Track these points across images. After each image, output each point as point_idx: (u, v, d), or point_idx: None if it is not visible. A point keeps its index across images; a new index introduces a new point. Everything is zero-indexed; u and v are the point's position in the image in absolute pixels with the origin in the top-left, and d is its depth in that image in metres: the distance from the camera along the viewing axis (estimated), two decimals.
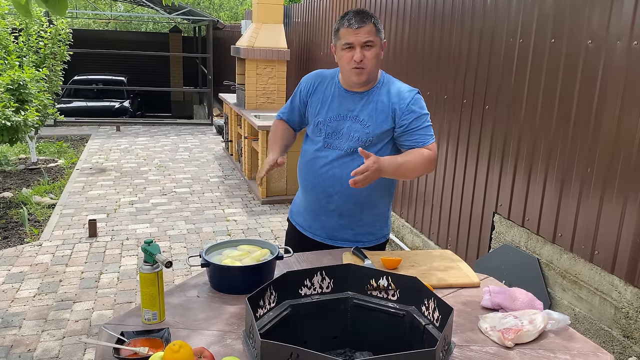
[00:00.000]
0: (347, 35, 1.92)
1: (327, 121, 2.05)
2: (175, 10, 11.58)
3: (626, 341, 2.33)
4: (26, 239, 4.61)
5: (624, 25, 2.29)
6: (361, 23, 1.91)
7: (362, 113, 2.01)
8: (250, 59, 6.63)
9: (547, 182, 2.77)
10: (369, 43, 1.92)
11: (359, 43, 1.91)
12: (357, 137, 2.00)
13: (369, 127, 1.99)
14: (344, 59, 1.96)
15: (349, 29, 1.92)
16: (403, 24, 4.27)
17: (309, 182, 2.10)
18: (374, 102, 2.01)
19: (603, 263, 2.44)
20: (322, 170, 2.04)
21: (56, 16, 4.83)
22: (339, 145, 2.02)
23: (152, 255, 1.44)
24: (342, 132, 2.02)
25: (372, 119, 2.00)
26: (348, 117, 2.02)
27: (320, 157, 2.06)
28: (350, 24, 1.92)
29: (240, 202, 5.90)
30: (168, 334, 1.38)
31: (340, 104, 2.04)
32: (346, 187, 1.98)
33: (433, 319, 1.40)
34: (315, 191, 2.08)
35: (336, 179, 2.02)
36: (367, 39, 1.91)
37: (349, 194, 2.02)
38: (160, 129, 10.49)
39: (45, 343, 3.06)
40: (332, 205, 2.06)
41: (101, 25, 21.86)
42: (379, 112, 2.00)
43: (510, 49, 3.01)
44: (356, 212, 2.08)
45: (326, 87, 2.09)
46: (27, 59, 7.32)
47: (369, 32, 1.92)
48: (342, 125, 2.02)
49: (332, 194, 2.04)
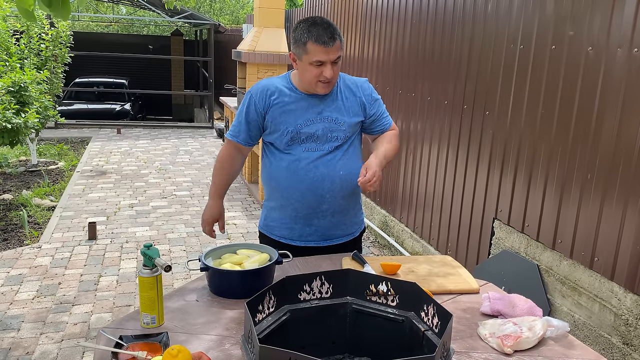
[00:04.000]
0: (319, 53, 1.89)
1: (298, 128, 2.01)
2: (177, 13, 11.61)
3: (626, 348, 2.33)
4: (26, 241, 4.61)
5: (625, 32, 2.29)
6: (332, 41, 1.89)
7: (332, 112, 2.04)
8: (251, 63, 6.64)
9: (547, 188, 2.77)
10: (337, 59, 1.94)
11: (330, 60, 1.91)
12: (336, 136, 2.03)
13: (343, 123, 2.03)
14: (311, 73, 1.93)
15: (321, 47, 1.88)
16: (404, 30, 4.28)
17: (294, 190, 2.04)
18: (339, 100, 2.05)
19: (603, 270, 2.43)
20: (307, 174, 2.02)
21: (58, 19, 4.79)
22: (319, 147, 2.03)
23: (152, 259, 1.44)
24: (318, 134, 2.02)
25: (343, 115, 2.04)
26: (318, 118, 2.02)
27: (301, 162, 2.02)
28: (324, 42, 1.88)
29: (240, 205, 5.89)
30: (167, 338, 1.38)
31: (306, 108, 2.02)
32: (336, 183, 2.02)
33: (432, 325, 1.40)
34: (304, 197, 2.04)
35: (325, 177, 2.02)
36: (337, 56, 1.92)
37: (339, 189, 2.05)
38: (161, 132, 10.49)
39: (44, 346, 3.05)
40: (325, 205, 2.06)
41: (103, 28, 21.90)
42: (348, 108, 2.05)
43: (510, 55, 3.01)
44: (346, 206, 2.11)
45: (283, 96, 2.03)
46: (28, 61, 7.33)
47: (338, 48, 1.92)
48: (315, 127, 2.02)
49: (324, 194, 2.04)
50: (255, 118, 2.05)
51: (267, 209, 2.19)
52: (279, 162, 2.06)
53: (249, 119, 2.06)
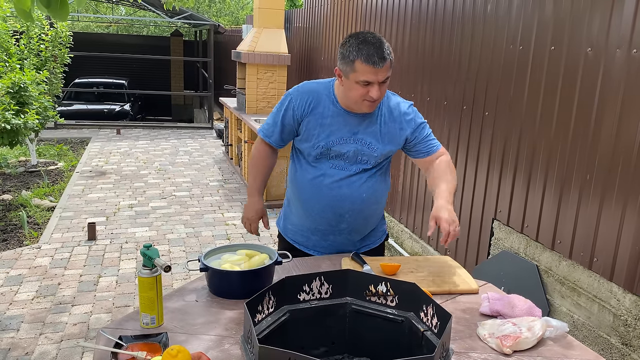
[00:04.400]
0: (367, 74, 1.80)
1: (330, 145, 1.96)
2: (177, 14, 11.61)
3: (625, 349, 2.33)
4: (25, 241, 4.61)
5: (624, 33, 2.30)
6: (383, 62, 1.79)
7: (366, 135, 1.95)
8: (250, 64, 6.65)
9: (546, 189, 2.77)
10: (386, 80, 1.86)
11: (378, 81, 1.82)
12: (366, 160, 1.97)
13: (377, 149, 1.96)
14: (357, 92, 1.84)
15: (371, 67, 1.78)
16: (403, 30, 4.28)
17: (315, 204, 2.02)
18: (377, 124, 1.96)
19: (602, 270, 2.44)
20: (330, 192, 1.98)
21: (57, 20, 4.77)
22: (347, 167, 1.97)
23: (151, 259, 1.44)
24: (349, 155, 1.96)
25: (379, 141, 1.96)
26: (352, 139, 1.95)
27: (325, 178, 1.98)
28: (373, 62, 1.78)
29: (239, 206, 5.89)
30: (166, 339, 1.38)
31: (343, 126, 1.95)
32: (357, 204, 1.98)
33: (432, 326, 1.40)
34: (324, 213, 2.01)
35: (346, 198, 1.97)
36: (385, 77, 1.84)
37: (360, 210, 2.00)
38: (161, 133, 10.49)
39: (43, 346, 3.05)
40: (343, 224, 2.03)
41: (102, 29, 21.90)
42: (385, 134, 1.96)
43: (510, 56, 3.02)
44: (366, 225, 2.08)
45: (324, 107, 1.96)
46: (28, 62, 7.33)
47: (387, 69, 1.83)
48: (347, 147, 1.95)
49: (343, 214, 2.00)
50: (291, 123, 1.99)
51: (288, 211, 2.19)
52: (304, 173, 2.03)
53: (284, 122, 2.01)
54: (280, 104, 2.03)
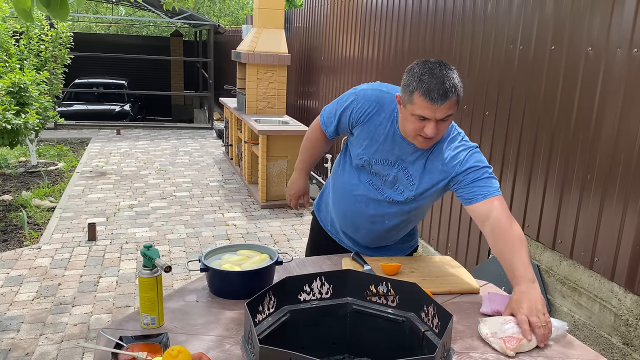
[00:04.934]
0: (424, 109, 1.61)
1: (372, 162, 1.85)
2: (177, 14, 11.61)
3: (626, 349, 2.33)
4: (25, 242, 4.60)
5: (624, 32, 2.30)
6: (444, 99, 1.59)
7: (412, 167, 1.81)
8: (250, 64, 6.64)
9: (547, 189, 2.77)
10: (447, 118, 1.65)
11: (436, 118, 1.63)
12: (401, 191, 1.84)
13: (414, 184, 1.81)
14: (412, 125, 1.68)
15: (429, 104, 1.60)
16: (404, 30, 4.28)
17: (339, 205, 2.02)
18: (425, 159, 1.79)
19: (603, 270, 2.43)
20: (356, 204, 1.93)
21: (57, 20, 4.77)
22: (382, 189, 1.87)
23: (151, 259, 1.44)
24: (387, 179, 1.85)
25: (419, 177, 1.81)
26: (396, 165, 1.82)
27: (359, 189, 1.91)
28: (432, 99, 1.59)
29: (239, 206, 5.89)
30: (167, 339, 1.38)
31: (392, 149, 1.81)
32: (377, 227, 1.95)
33: (432, 326, 1.40)
34: (344, 217, 2.02)
35: (368, 218, 1.94)
36: (445, 115, 1.63)
37: (377, 232, 1.98)
38: (161, 133, 10.49)
39: (43, 347, 3.04)
40: (358, 235, 2.03)
41: (102, 29, 21.91)
42: (427, 172, 1.79)
43: (510, 56, 3.01)
44: (382, 242, 2.07)
45: (381, 123, 1.81)
46: (28, 62, 7.33)
47: (449, 108, 1.62)
48: (388, 172, 1.84)
49: (360, 228, 1.99)
50: (346, 122, 1.91)
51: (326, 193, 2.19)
52: (344, 172, 1.98)
53: (341, 119, 1.93)
54: (343, 98, 1.92)
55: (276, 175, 5.88)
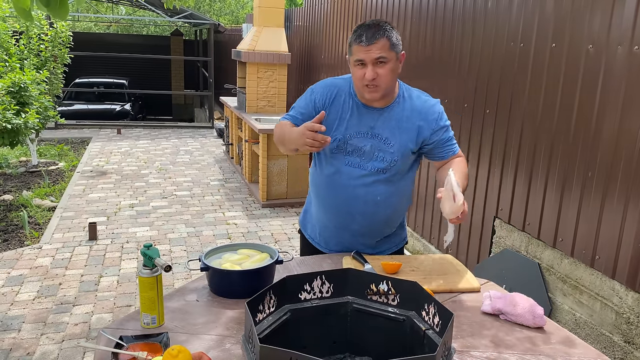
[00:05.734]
0: (359, 52, 1.79)
1: (346, 139, 1.91)
2: (177, 13, 11.60)
3: (627, 347, 2.33)
4: (26, 241, 4.61)
5: (625, 30, 2.29)
6: (372, 39, 1.76)
7: (384, 131, 1.90)
8: (251, 63, 6.64)
9: (547, 187, 2.76)
10: (382, 59, 1.78)
11: (371, 60, 1.78)
12: (382, 157, 1.90)
13: (393, 146, 1.89)
14: (357, 75, 1.83)
15: (360, 46, 1.78)
16: (404, 28, 4.27)
17: (328, 200, 2.01)
18: (395, 120, 1.90)
19: (604, 268, 2.43)
20: (344, 190, 1.94)
21: (57, 19, 4.76)
22: (362, 164, 1.92)
23: (152, 259, 1.44)
24: (365, 151, 1.90)
25: (396, 137, 1.89)
26: (369, 134, 1.90)
27: (341, 176, 1.94)
28: (362, 40, 1.77)
29: (240, 205, 5.89)
30: (167, 339, 1.38)
31: (359, 121, 1.91)
32: (370, 207, 1.94)
33: (433, 324, 1.40)
34: (336, 211, 2.00)
35: (359, 199, 1.94)
36: (379, 56, 1.77)
37: (372, 214, 1.97)
38: (161, 132, 10.49)
39: (44, 346, 3.05)
40: (355, 225, 2.00)
41: (103, 28, 21.91)
42: (403, 131, 1.89)
43: (511, 53, 3.01)
44: (379, 230, 2.05)
45: (343, 100, 1.93)
46: (28, 62, 7.33)
47: (381, 48, 1.77)
48: (363, 143, 1.90)
49: (355, 214, 1.97)
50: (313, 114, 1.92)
51: (308, 206, 2.19)
52: (322, 169, 2.00)
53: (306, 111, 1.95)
54: (304, 95, 2.01)
55: (277, 174, 5.87)
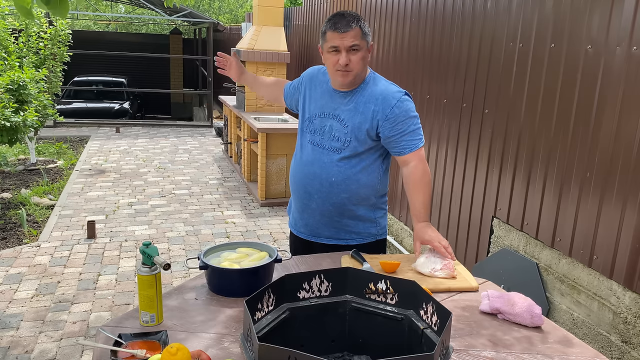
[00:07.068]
0: (333, 39, 1.93)
1: (312, 117, 2.09)
2: (176, 12, 11.59)
3: (624, 346, 2.33)
4: (24, 239, 4.60)
5: (624, 30, 2.29)
6: (347, 27, 1.91)
7: (343, 112, 2.02)
8: (250, 61, 6.64)
9: (546, 186, 2.77)
10: (355, 47, 1.93)
11: (345, 47, 1.92)
12: (337, 137, 2.02)
13: (347, 126, 2.00)
14: (330, 61, 1.97)
15: (335, 33, 1.92)
16: (403, 28, 4.28)
17: (292, 178, 2.16)
18: (354, 102, 2.02)
19: (602, 268, 2.43)
20: (304, 168, 2.08)
21: (57, 17, 4.77)
22: (322, 143, 2.05)
23: (150, 257, 1.44)
24: (325, 130, 2.04)
25: (351, 118, 2.00)
26: (330, 115, 2.04)
27: (303, 153, 2.10)
28: (337, 28, 1.92)
29: (239, 204, 5.89)
30: (166, 337, 1.38)
31: (326, 102, 2.07)
32: (325, 187, 2.03)
33: (431, 323, 1.40)
34: (297, 188, 2.13)
35: (316, 177, 2.04)
36: (352, 43, 1.92)
37: (327, 194, 2.04)
38: (160, 131, 10.48)
39: (43, 345, 3.05)
40: (313, 204, 2.09)
41: (102, 27, 21.87)
42: (358, 113, 2.00)
43: (510, 53, 3.01)
44: (335, 214, 2.07)
45: (321, 81, 2.12)
46: (27, 60, 7.31)
47: (354, 37, 1.92)
48: (325, 123, 2.05)
49: (312, 193, 2.07)
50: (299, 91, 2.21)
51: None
52: (296, 148, 2.19)
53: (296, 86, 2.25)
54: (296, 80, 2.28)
55: (275, 173, 5.87)
